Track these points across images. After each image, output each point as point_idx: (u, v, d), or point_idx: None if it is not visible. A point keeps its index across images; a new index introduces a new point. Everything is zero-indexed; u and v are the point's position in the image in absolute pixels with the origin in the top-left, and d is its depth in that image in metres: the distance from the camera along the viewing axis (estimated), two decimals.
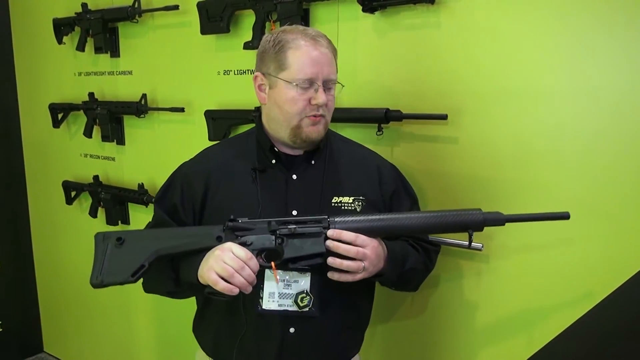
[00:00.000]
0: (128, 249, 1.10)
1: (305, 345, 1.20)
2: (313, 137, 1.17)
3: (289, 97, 1.14)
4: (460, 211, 1.12)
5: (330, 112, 1.19)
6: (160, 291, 1.27)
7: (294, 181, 1.23)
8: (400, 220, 1.10)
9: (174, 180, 1.30)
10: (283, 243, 1.09)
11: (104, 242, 1.11)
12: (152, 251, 1.09)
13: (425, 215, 1.12)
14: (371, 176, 1.28)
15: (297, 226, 1.09)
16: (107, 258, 1.09)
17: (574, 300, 1.35)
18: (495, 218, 1.11)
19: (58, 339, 3.01)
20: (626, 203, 1.27)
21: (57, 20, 2.39)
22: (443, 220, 1.10)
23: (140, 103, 2.17)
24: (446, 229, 1.13)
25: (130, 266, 1.08)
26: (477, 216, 1.10)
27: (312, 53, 1.13)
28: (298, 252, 1.08)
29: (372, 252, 1.09)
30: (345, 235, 1.07)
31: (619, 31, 1.23)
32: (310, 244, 1.08)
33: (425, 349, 1.62)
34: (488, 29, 1.40)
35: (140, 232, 1.16)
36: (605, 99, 1.27)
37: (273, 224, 1.10)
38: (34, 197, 2.93)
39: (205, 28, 1.90)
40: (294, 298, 1.15)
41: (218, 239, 1.10)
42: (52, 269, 2.90)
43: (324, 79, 1.14)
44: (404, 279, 1.23)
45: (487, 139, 1.44)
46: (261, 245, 1.10)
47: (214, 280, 1.04)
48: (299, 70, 1.12)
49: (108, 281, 1.08)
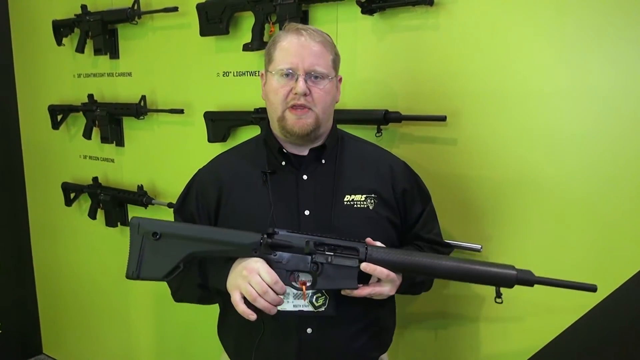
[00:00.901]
0: (164, 245, 1.09)
1: (324, 345, 1.20)
2: (296, 131, 1.17)
3: (273, 87, 1.17)
4: (494, 265, 1.11)
5: (320, 105, 1.17)
6: (191, 300, 1.28)
7: (305, 181, 1.23)
8: (434, 262, 1.10)
9: (190, 189, 1.32)
10: (317, 270, 1.09)
11: (139, 234, 1.09)
12: (188, 253, 1.09)
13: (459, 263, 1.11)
14: (383, 174, 1.27)
15: (334, 254, 1.09)
16: (144, 252, 1.09)
17: (574, 300, 1.35)
18: (527, 279, 1.09)
19: (57, 341, 3.01)
20: (627, 204, 1.27)
21: (56, 21, 2.39)
22: (475, 271, 1.10)
23: (140, 104, 2.17)
24: (476, 281, 1.12)
25: (165, 264, 1.09)
26: (510, 274, 1.09)
27: (294, 44, 1.16)
28: (330, 285, 1.10)
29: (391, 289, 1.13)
30: (378, 272, 1.09)
31: (618, 32, 1.24)
32: (344, 276, 1.09)
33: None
34: (487, 30, 1.40)
35: (176, 227, 1.13)
36: (604, 100, 1.27)
37: (311, 245, 1.09)
38: (33, 199, 2.93)
39: (205, 30, 1.90)
40: (309, 298, 1.16)
41: (254, 252, 1.10)
42: (52, 270, 2.90)
43: (306, 69, 1.14)
44: (412, 291, 1.27)
45: (485, 140, 1.44)
46: (295, 267, 1.10)
47: (236, 301, 1.07)
48: (281, 60, 1.16)
49: (144, 276, 1.09)
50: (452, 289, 1.57)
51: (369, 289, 1.11)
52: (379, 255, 1.10)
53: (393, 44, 1.56)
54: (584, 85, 1.29)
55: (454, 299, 1.56)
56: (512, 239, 1.43)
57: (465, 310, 1.55)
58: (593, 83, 1.28)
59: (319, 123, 1.19)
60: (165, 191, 2.25)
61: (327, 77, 1.17)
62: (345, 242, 1.11)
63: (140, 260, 1.08)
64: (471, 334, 1.55)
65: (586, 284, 1.11)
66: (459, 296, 1.55)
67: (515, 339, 1.47)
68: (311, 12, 1.71)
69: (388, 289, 1.13)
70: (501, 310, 1.47)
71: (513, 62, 1.37)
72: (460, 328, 1.57)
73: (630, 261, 1.28)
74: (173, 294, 1.29)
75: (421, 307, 1.64)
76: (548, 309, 1.40)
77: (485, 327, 1.52)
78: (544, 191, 1.37)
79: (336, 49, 1.22)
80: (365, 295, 1.11)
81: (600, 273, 1.32)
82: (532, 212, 1.40)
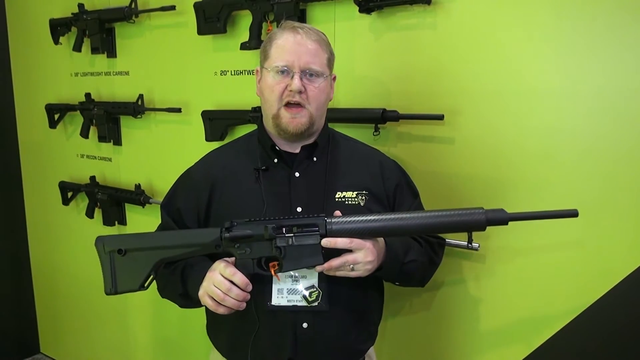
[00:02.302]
0: (132, 259, 1.14)
1: (319, 339, 1.20)
2: (291, 130, 1.18)
3: (268, 84, 1.18)
4: (462, 210, 1.07)
5: (314, 104, 1.18)
6: (174, 302, 1.30)
7: (297, 178, 1.24)
8: (398, 221, 1.08)
9: (178, 186, 1.33)
10: (281, 254, 1.09)
11: (105, 253, 1.14)
12: (156, 261, 1.13)
13: (424, 215, 1.08)
14: (374, 170, 1.29)
15: (295, 235, 1.09)
16: (115, 268, 1.14)
17: (573, 300, 1.36)
18: (499, 217, 1.05)
19: (55, 340, 3.00)
20: (623, 202, 1.27)
21: (53, 20, 2.39)
22: (443, 220, 1.06)
23: (137, 103, 2.17)
24: (447, 229, 1.10)
25: (137, 275, 1.13)
26: (480, 215, 1.04)
27: (289, 41, 1.17)
28: (296, 265, 1.10)
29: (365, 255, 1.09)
30: (339, 243, 1.07)
31: (616, 31, 1.24)
32: (308, 254, 1.09)
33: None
34: (484, 29, 1.40)
35: (139, 239, 1.17)
36: (600, 99, 1.27)
37: (269, 230, 1.09)
38: (30, 198, 2.92)
39: (202, 28, 1.90)
40: (302, 293, 1.17)
41: (217, 248, 1.12)
42: (49, 269, 2.90)
43: (301, 67, 1.16)
44: (405, 272, 1.22)
45: (483, 139, 1.44)
46: (259, 254, 1.11)
47: (213, 307, 1.11)
48: (277, 58, 1.17)
49: (121, 290, 1.14)
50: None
51: (339, 260, 1.08)
52: (339, 226, 1.08)
53: (390, 43, 1.56)
54: (580, 84, 1.29)
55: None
56: (510, 238, 1.43)
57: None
58: (589, 82, 1.28)
59: (312, 121, 1.20)
60: (162, 190, 2.24)
61: (322, 76, 1.18)
62: (303, 219, 1.10)
63: (113, 277, 1.14)
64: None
65: (566, 210, 1.07)
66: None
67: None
68: (309, 10, 1.71)
69: (362, 256, 1.08)
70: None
71: (510, 61, 1.38)
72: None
73: (627, 260, 1.28)
74: (159, 290, 1.30)
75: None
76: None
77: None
78: (541, 190, 1.37)
79: (331, 48, 1.23)
80: (337, 266, 1.08)
81: (597, 272, 1.32)
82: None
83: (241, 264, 1.10)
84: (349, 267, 1.09)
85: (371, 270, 1.12)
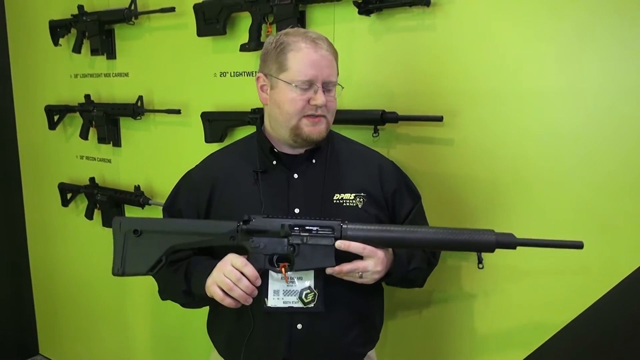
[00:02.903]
0: (145, 241, 1.14)
1: (314, 341, 1.21)
2: (314, 137, 1.20)
3: (289, 97, 1.17)
4: (473, 231, 1.10)
5: (331, 112, 1.21)
6: (177, 302, 1.30)
7: (296, 180, 1.24)
8: (411, 234, 1.11)
9: (180, 188, 1.34)
10: (294, 252, 1.10)
11: (121, 232, 1.14)
12: (169, 246, 1.14)
13: (436, 232, 1.11)
14: (372, 173, 1.29)
15: (309, 235, 1.11)
16: (127, 249, 1.14)
17: (574, 303, 1.36)
18: (508, 241, 1.09)
19: (54, 342, 3.00)
20: (622, 202, 1.28)
21: (53, 22, 2.39)
22: (454, 238, 1.09)
23: (137, 105, 2.17)
24: (458, 247, 1.12)
25: (148, 258, 1.14)
26: (489, 237, 1.08)
27: (313, 55, 1.16)
28: (308, 265, 1.11)
29: (375, 264, 1.12)
30: (353, 247, 1.10)
31: (615, 31, 1.24)
32: (321, 256, 1.10)
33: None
34: (483, 31, 1.40)
35: (156, 223, 1.18)
36: (599, 99, 1.28)
37: (286, 228, 1.10)
38: (29, 199, 2.92)
39: (202, 30, 1.90)
40: (298, 295, 1.17)
41: (232, 239, 1.13)
42: (48, 271, 2.89)
43: (323, 80, 1.16)
44: (408, 278, 1.26)
45: (482, 140, 1.44)
46: (272, 250, 1.12)
47: (220, 296, 1.11)
48: (299, 72, 1.15)
49: (129, 272, 1.14)
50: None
51: (351, 265, 1.11)
52: (354, 231, 1.11)
53: (390, 45, 1.56)
54: (580, 85, 1.29)
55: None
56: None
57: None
58: (588, 82, 1.28)
59: (329, 128, 1.23)
60: (162, 191, 2.25)
61: (335, 86, 1.21)
62: (320, 221, 1.12)
63: (124, 257, 1.14)
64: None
65: (571, 241, 1.10)
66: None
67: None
68: (308, 12, 1.71)
69: (372, 264, 1.12)
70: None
71: (509, 62, 1.38)
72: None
73: (626, 260, 1.28)
74: (160, 292, 1.31)
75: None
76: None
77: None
78: (541, 191, 1.38)
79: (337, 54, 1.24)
80: (347, 271, 1.11)
81: (596, 272, 1.32)
82: (529, 211, 1.40)
83: (253, 259, 1.11)
84: (358, 275, 1.12)
85: (377, 279, 1.15)
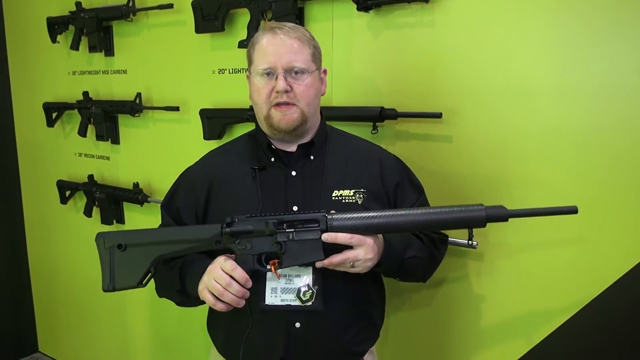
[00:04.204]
0: (131, 254, 1.14)
1: (312, 339, 1.20)
2: (283, 126, 1.18)
3: (255, 88, 1.20)
4: (462, 207, 1.07)
5: (304, 100, 1.18)
6: (171, 299, 1.30)
7: (294, 177, 1.24)
8: (398, 217, 1.08)
9: (178, 185, 1.34)
10: (281, 249, 1.09)
11: (106, 248, 1.14)
12: (155, 257, 1.14)
13: (424, 212, 1.09)
14: (372, 168, 1.27)
15: (295, 231, 1.09)
16: (114, 264, 1.14)
17: (573, 296, 1.36)
18: (499, 214, 1.05)
19: (53, 339, 3.00)
20: (621, 200, 1.28)
21: (51, 19, 2.38)
22: (444, 216, 1.07)
23: (135, 102, 2.16)
24: (447, 225, 1.10)
25: (136, 271, 1.13)
26: (480, 212, 1.05)
27: (271, 43, 1.18)
28: (296, 260, 1.10)
29: (365, 252, 1.09)
30: (340, 238, 1.08)
31: (612, 29, 1.24)
32: (309, 250, 1.09)
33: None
34: (482, 27, 1.40)
35: (139, 235, 1.17)
36: (598, 97, 1.27)
37: (270, 226, 1.09)
38: (28, 197, 2.92)
39: (200, 27, 1.90)
40: (296, 293, 1.16)
41: (217, 244, 1.12)
42: (47, 268, 2.89)
43: (284, 66, 1.16)
44: (406, 267, 1.22)
45: (481, 137, 1.44)
46: (260, 250, 1.11)
47: (212, 302, 1.11)
48: (260, 61, 1.18)
49: (119, 287, 1.14)
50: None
51: (340, 256, 1.09)
52: (339, 222, 1.08)
53: (389, 41, 1.56)
54: (579, 83, 1.29)
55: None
56: (508, 236, 1.43)
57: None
58: (587, 80, 1.28)
59: (305, 117, 1.20)
60: (161, 189, 2.24)
61: (307, 72, 1.18)
62: (304, 215, 1.11)
63: (112, 273, 1.14)
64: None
65: (565, 207, 1.08)
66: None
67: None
68: (307, 9, 1.70)
69: (362, 253, 1.09)
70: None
71: (508, 59, 1.38)
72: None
73: (624, 258, 1.28)
74: (156, 289, 1.31)
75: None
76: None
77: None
78: (539, 187, 1.37)
79: (315, 42, 1.23)
80: (338, 262, 1.09)
81: (594, 270, 1.32)
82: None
83: (241, 260, 1.10)
84: (350, 264, 1.10)
85: (371, 267, 1.13)
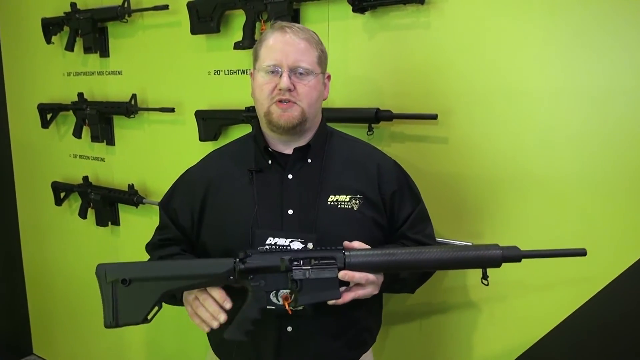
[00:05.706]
0: (137, 290, 1.06)
1: (304, 344, 1.19)
2: (282, 123, 1.18)
3: (258, 84, 1.19)
4: (478, 247, 1.10)
5: (306, 100, 1.18)
6: None
7: (290, 181, 1.22)
8: (414, 256, 1.09)
9: (177, 186, 1.34)
10: (297, 287, 1.07)
11: (107, 282, 1.05)
12: (163, 292, 1.06)
13: (441, 252, 1.10)
14: (370, 175, 1.26)
15: (312, 267, 1.07)
16: (117, 300, 1.05)
17: (572, 297, 1.37)
18: (513, 255, 1.08)
19: (47, 341, 2.99)
20: (618, 201, 1.28)
21: (45, 19, 2.37)
22: (460, 256, 1.09)
23: (130, 103, 2.16)
24: (463, 265, 1.11)
25: (142, 307, 1.06)
26: (496, 253, 1.08)
27: (278, 40, 1.17)
28: (313, 299, 1.07)
29: (373, 290, 1.13)
30: (357, 278, 1.08)
31: (608, 31, 1.25)
32: (325, 288, 1.07)
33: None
34: (478, 29, 1.40)
35: (146, 268, 1.10)
36: (594, 98, 1.28)
37: (286, 262, 1.06)
38: (22, 198, 2.90)
39: (196, 28, 1.89)
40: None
41: (230, 280, 1.08)
42: (42, 270, 2.88)
43: (290, 65, 1.16)
44: (394, 288, 1.25)
45: (476, 138, 1.44)
46: (274, 287, 1.08)
47: (190, 313, 1.16)
48: (266, 58, 1.18)
49: (123, 323, 1.06)
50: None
51: (352, 294, 1.10)
52: (357, 259, 1.08)
53: (384, 43, 1.56)
54: (574, 84, 1.30)
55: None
56: (503, 237, 1.43)
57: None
58: (583, 82, 1.29)
59: (305, 117, 1.19)
60: (156, 190, 2.24)
61: (312, 73, 1.18)
62: (321, 252, 1.09)
63: (115, 309, 1.05)
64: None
65: (575, 249, 1.11)
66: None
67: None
68: (302, 10, 1.70)
69: (370, 290, 1.12)
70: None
71: (504, 60, 1.38)
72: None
73: (622, 258, 1.29)
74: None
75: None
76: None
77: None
78: (535, 189, 1.38)
79: (322, 46, 1.22)
80: (349, 300, 1.10)
81: (592, 270, 1.32)
82: (523, 209, 1.40)
83: (255, 298, 1.07)
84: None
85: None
